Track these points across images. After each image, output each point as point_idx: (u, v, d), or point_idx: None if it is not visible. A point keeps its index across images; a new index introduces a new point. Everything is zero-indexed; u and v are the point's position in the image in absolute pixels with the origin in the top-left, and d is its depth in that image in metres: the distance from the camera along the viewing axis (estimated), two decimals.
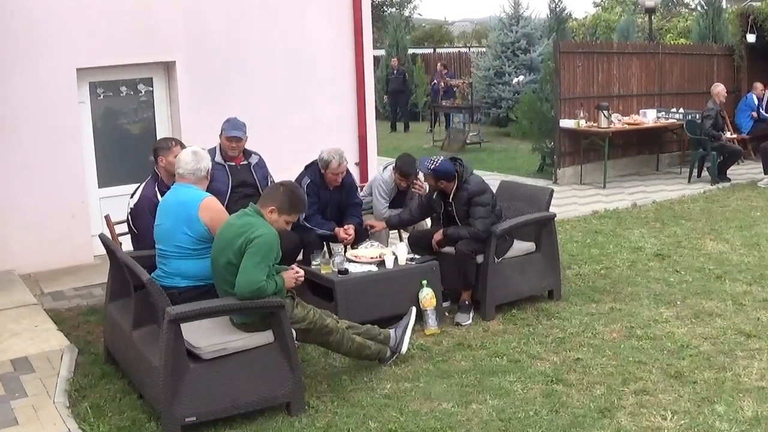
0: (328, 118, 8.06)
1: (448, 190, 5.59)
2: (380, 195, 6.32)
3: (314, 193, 5.89)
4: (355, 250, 5.71)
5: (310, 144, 7.39)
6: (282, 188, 4.25)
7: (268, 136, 7.35)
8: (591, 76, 11.18)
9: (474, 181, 5.56)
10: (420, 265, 5.44)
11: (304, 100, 7.94)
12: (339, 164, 5.77)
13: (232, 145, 5.73)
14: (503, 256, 5.69)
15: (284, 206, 4.20)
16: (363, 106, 8.19)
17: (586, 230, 8.25)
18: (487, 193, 5.54)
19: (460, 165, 5.58)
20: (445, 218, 5.74)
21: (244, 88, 7.58)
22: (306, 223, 5.87)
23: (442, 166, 5.49)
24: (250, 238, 4.04)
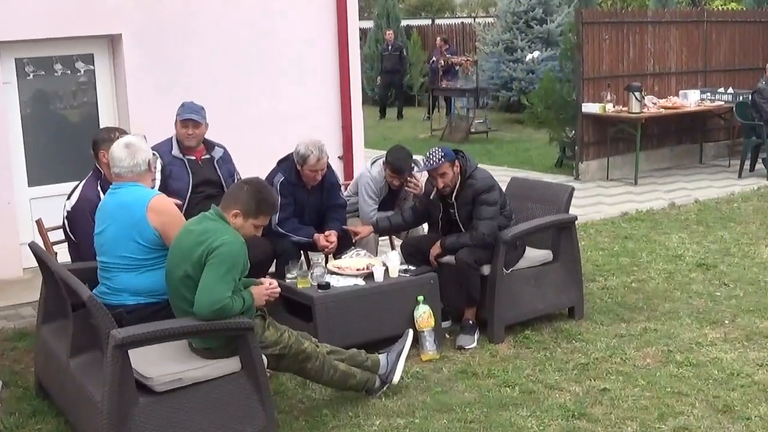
0: (305, 103, 8.08)
1: (453, 181, 5.59)
2: (368, 195, 6.36)
3: (289, 193, 5.92)
4: (338, 260, 5.75)
5: (283, 135, 7.42)
6: (246, 187, 4.27)
7: (232, 125, 7.37)
8: (620, 51, 11.27)
9: (480, 176, 5.61)
10: (415, 278, 5.48)
11: (275, 82, 7.96)
12: (318, 159, 5.81)
13: (188, 132, 5.75)
14: (514, 267, 5.73)
15: (250, 209, 4.23)
16: (347, 89, 8.21)
17: (614, 235, 8.32)
18: (494, 191, 5.59)
19: (464, 158, 5.63)
20: (445, 223, 5.79)
21: (203, 67, 7.59)
22: (279, 229, 5.91)
23: (444, 149, 5.53)
24: (211, 247, 4.06)
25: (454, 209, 5.68)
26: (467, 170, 5.59)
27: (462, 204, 5.63)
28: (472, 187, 5.56)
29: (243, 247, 4.15)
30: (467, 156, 5.65)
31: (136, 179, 4.50)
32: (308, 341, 4.57)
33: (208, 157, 5.90)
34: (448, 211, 5.73)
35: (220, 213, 4.23)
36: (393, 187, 6.40)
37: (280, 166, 6.00)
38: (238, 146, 6.33)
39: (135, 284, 4.41)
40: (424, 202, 5.94)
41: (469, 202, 5.58)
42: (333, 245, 5.95)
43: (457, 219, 5.69)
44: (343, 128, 8.25)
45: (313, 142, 5.84)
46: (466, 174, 5.59)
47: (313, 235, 5.95)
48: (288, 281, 5.35)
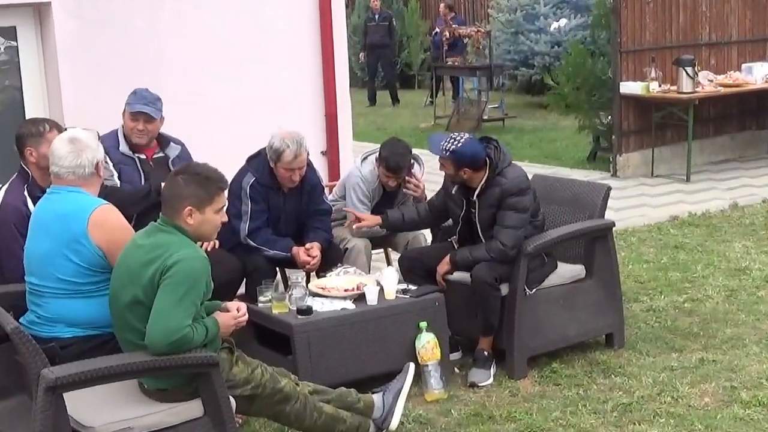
0: (280, 87, 8.07)
1: (474, 182, 5.65)
2: (357, 199, 6.40)
3: (261, 197, 5.96)
4: (322, 279, 5.78)
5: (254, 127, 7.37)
6: (180, 178, 4.27)
7: (191, 115, 7.36)
8: (667, 16, 11.33)
9: (512, 175, 5.64)
10: (417, 300, 5.51)
11: (244, 63, 7.95)
12: (295, 155, 5.84)
13: (138, 127, 5.78)
14: (539, 286, 5.76)
15: (200, 196, 4.24)
16: (331, 69, 8.20)
17: (662, 245, 8.35)
18: (526, 195, 5.63)
19: (496, 149, 5.66)
20: (465, 225, 5.81)
21: (155, 44, 7.59)
22: (250, 241, 5.94)
23: (467, 146, 5.56)
24: (166, 265, 4.08)
25: (475, 209, 5.70)
26: (497, 165, 5.62)
27: (485, 205, 5.66)
28: (500, 186, 5.59)
29: (205, 264, 4.17)
30: (501, 147, 5.68)
31: (78, 183, 4.50)
32: (286, 379, 4.58)
33: (162, 155, 5.93)
34: (469, 210, 5.76)
35: (171, 221, 4.24)
36: (388, 188, 6.43)
37: (250, 164, 6.03)
38: (198, 141, 6.35)
39: (72, 313, 4.42)
40: (442, 198, 5.97)
41: (494, 204, 5.62)
42: (316, 261, 5.97)
43: (476, 221, 5.72)
44: (326, 117, 8.24)
45: (290, 135, 5.87)
46: (495, 169, 5.61)
47: (291, 248, 5.98)
48: (261, 305, 5.38)
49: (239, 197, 5.95)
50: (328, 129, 8.27)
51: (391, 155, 6.24)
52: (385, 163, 6.26)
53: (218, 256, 5.64)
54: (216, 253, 5.71)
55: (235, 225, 5.93)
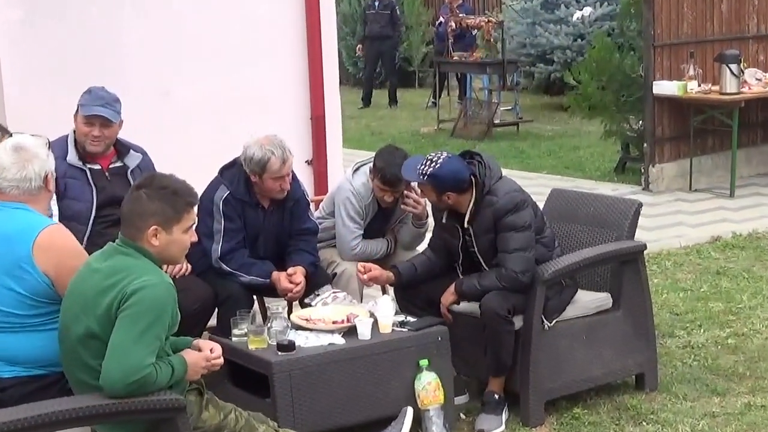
0: (259, 86, 8.07)
1: (462, 207, 5.68)
2: (348, 216, 6.41)
3: (237, 214, 5.98)
4: (306, 309, 5.78)
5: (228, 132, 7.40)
6: (143, 192, 4.27)
7: (157, 119, 7.37)
8: (708, 4, 11.35)
9: (503, 190, 5.65)
10: (417, 335, 5.50)
11: (216, 58, 7.96)
12: (284, 160, 5.88)
13: (93, 133, 5.78)
14: (558, 317, 5.77)
15: (167, 213, 4.25)
16: (318, 65, 8.21)
17: (702, 270, 8.37)
18: (524, 210, 5.64)
19: (480, 164, 5.68)
20: (465, 257, 5.83)
21: (116, 37, 7.59)
22: (223, 265, 5.95)
23: (447, 167, 5.59)
24: (125, 293, 4.08)
25: (471, 237, 5.72)
26: (484, 183, 5.64)
27: (481, 231, 5.67)
28: (492, 206, 5.61)
29: (171, 292, 4.17)
30: (487, 162, 5.70)
31: (23, 199, 4.48)
32: (264, 425, 4.57)
33: (120, 165, 5.94)
34: (465, 239, 5.78)
35: (131, 242, 4.24)
36: (384, 204, 6.44)
37: (224, 176, 6.04)
38: (163, 149, 6.37)
39: (13, 350, 4.39)
40: (438, 231, 5.99)
41: (490, 228, 5.63)
42: (299, 288, 5.98)
43: (476, 252, 5.73)
44: (312, 120, 8.25)
45: (269, 140, 5.90)
46: (483, 189, 5.63)
47: (270, 273, 5.99)
48: (235, 340, 5.37)
49: (211, 214, 5.95)
50: (315, 134, 8.27)
51: (388, 166, 6.24)
52: (381, 175, 6.27)
53: (186, 282, 5.66)
54: (184, 279, 5.73)
55: (206, 246, 5.93)
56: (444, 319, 5.71)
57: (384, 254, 6.55)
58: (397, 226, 6.67)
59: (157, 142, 6.30)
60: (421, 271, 5.99)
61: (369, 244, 6.49)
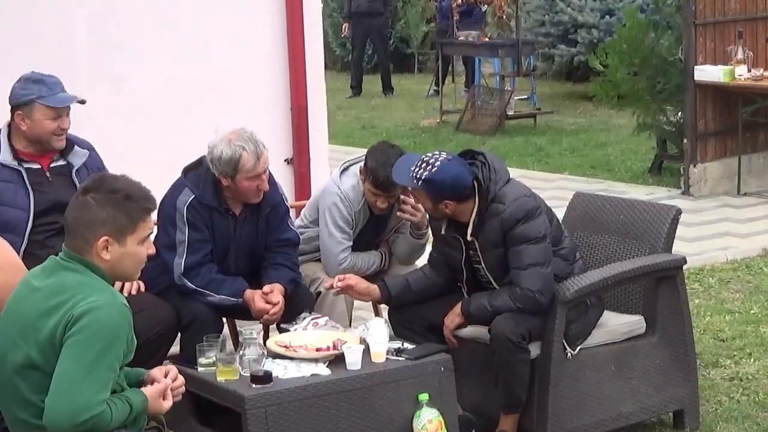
0: (231, 72, 8.07)
1: (463, 216, 5.67)
2: (335, 225, 6.39)
3: (203, 222, 5.96)
4: (285, 333, 5.76)
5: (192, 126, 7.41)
6: (91, 196, 4.22)
7: (109, 111, 7.37)
8: None
9: (511, 195, 5.63)
10: (416, 364, 5.47)
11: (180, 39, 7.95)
12: (258, 156, 5.84)
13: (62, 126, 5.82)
14: (582, 344, 5.76)
15: (120, 219, 4.20)
16: (300, 47, 8.21)
17: (751, 288, 8.35)
18: (537, 217, 5.61)
19: (484, 166, 5.66)
20: (470, 274, 5.83)
21: (60, 14, 7.58)
22: (187, 282, 5.92)
23: (446, 170, 5.57)
24: (72, 316, 4.04)
25: (476, 251, 5.71)
26: (489, 188, 5.63)
27: (487, 245, 5.66)
28: (499, 216, 5.59)
29: (125, 314, 4.13)
30: (491, 162, 5.68)
31: None
32: None
33: (63, 164, 5.93)
34: (468, 252, 5.77)
35: (77, 255, 4.21)
36: (377, 211, 6.42)
37: (188, 178, 6.01)
38: (116, 145, 6.38)
39: None
40: (437, 242, 5.98)
41: (497, 241, 5.62)
42: (277, 309, 5.95)
43: (482, 269, 5.73)
44: (293, 111, 8.25)
45: (237, 134, 5.86)
46: (487, 195, 5.62)
47: (243, 292, 5.96)
48: (201, 370, 5.34)
49: (173, 222, 5.93)
50: (296, 128, 8.27)
51: (381, 166, 6.21)
52: (373, 177, 6.25)
53: (143, 303, 5.65)
54: (141, 299, 5.71)
55: (167, 259, 5.92)
56: (448, 346, 5.70)
57: (377, 269, 6.53)
58: (392, 237, 6.64)
59: (107, 138, 6.29)
60: (417, 288, 5.97)
61: (359, 257, 6.47)
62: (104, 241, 4.18)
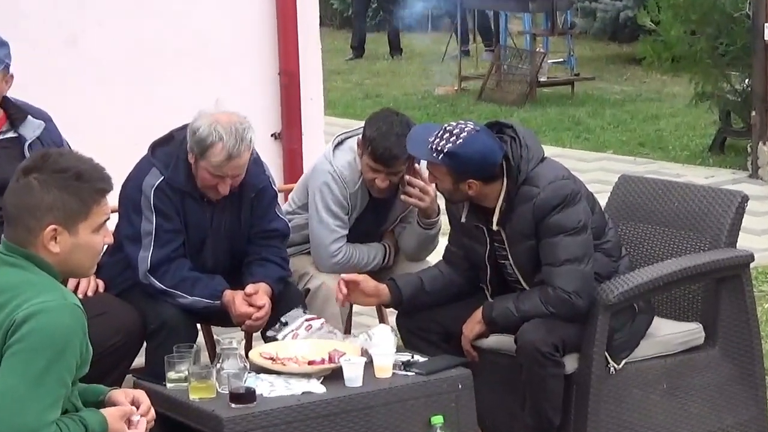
0: (205, 31, 8.09)
1: (488, 200, 5.69)
2: (327, 209, 6.41)
3: (174, 208, 5.97)
4: (272, 343, 5.77)
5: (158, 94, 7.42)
6: (34, 178, 4.19)
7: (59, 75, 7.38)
8: None
9: (546, 177, 5.64)
10: (428, 381, 5.47)
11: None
12: (230, 155, 5.77)
13: None
14: (628, 357, 5.76)
15: (70, 203, 4.16)
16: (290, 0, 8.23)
17: None
18: (576, 204, 5.63)
19: (513, 140, 5.67)
20: (495, 272, 5.85)
21: None
22: (153, 280, 5.94)
23: (472, 143, 5.57)
24: (14, 321, 4.02)
25: (502, 244, 5.72)
26: (520, 168, 5.63)
27: (516, 235, 5.68)
28: (531, 201, 5.60)
29: (78, 319, 4.10)
30: (522, 137, 5.69)
31: None
32: None
33: (14, 136, 5.95)
34: (494, 245, 5.78)
35: (21, 249, 4.19)
36: (377, 193, 6.43)
37: (156, 155, 6.01)
38: (66, 117, 6.35)
39: None
40: (456, 233, 6.00)
41: (528, 231, 5.64)
42: (262, 313, 5.96)
43: (510, 265, 5.74)
44: (282, 77, 8.28)
45: (229, 120, 5.82)
46: (517, 176, 5.63)
47: (222, 293, 5.98)
48: (171, 386, 5.36)
49: (137, 209, 5.94)
50: (285, 97, 8.32)
51: (382, 136, 6.22)
52: (372, 148, 6.24)
53: (101, 305, 5.67)
54: (98, 301, 5.74)
55: (130, 253, 5.95)
56: (467, 359, 5.71)
57: (378, 265, 6.55)
58: (397, 228, 6.65)
59: (58, 108, 6.28)
60: (432, 289, 6.00)
61: (357, 249, 6.48)
62: (51, 230, 4.15)
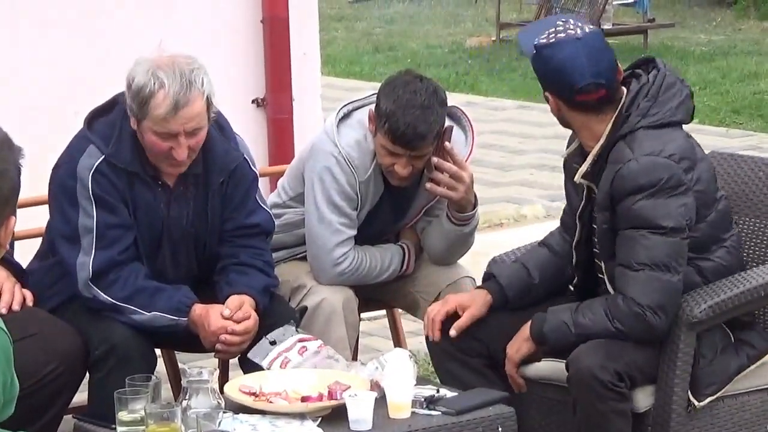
0: None
1: (583, 136, 5.77)
2: (329, 202, 6.47)
3: (119, 197, 5.99)
4: (255, 373, 5.79)
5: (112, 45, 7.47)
6: None
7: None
8: None
9: (650, 145, 5.66)
10: (458, 423, 5.47)
11: None
12: (176, 105, 5.77)
13: None
14: (720, 391, 5.80)
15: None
16: None
17: None
18: (678, 196, 5.65)
19: (646, 84, 5.71)
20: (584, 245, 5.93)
21: None
22: (99, 293, 5.95)
23: (558, 47, 5.68)
24: None
25: (594, 201, 5.78)
26: (630, 114, 5.68)
27: (599, 198, 5.74)
28: (617, 166, 5.63)
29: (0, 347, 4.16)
30: (656, 86, 5.73)
31: None
32: None
33: None
34: (589, 204, 5.86)
35: None
36: (395, 180, 6.47)
37: (93, 128, 6.03)
38: None
39: None
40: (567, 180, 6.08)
41: (605, 203, 5.71)
42: (244, 330, 5.98)
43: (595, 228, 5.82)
44: (265, 26, 8.31)
45: (170, 63, 5.84)
46: (622, 123, 5.67)
47: (189, 307, 6.00)
48: (122, 430, 5.35)
49: (72, 199, 5.95)
50: (270, 52, 8.34)
51: (402, 111, 6.24)
52: (390, 128, 6.26)
53: (32, 325, 5.71)
54: (27, 318, 5.76)
55: (65, 257, 5.97)
56: (509, 392, 5.75)
57: (395, 273, 6.60)
58: (420, 221, 6.70)
59: None
60: (542, 277, 6.11)
61: (367, 254, 6.53)
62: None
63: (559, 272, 6.07)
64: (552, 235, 6.18)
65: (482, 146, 6.21)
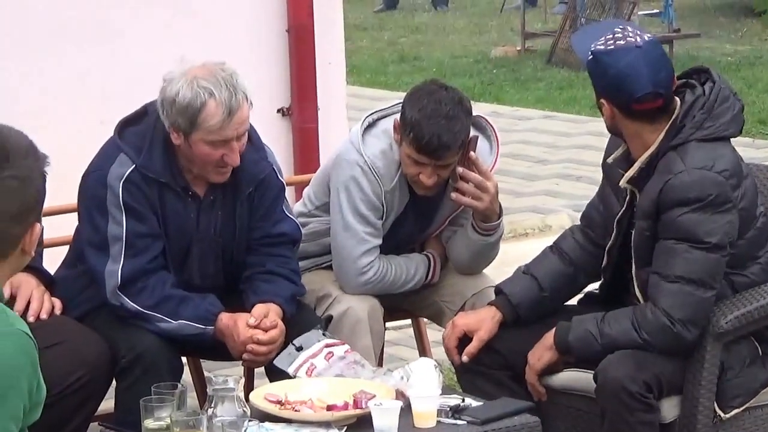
0: None
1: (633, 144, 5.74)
2: (355, 212, 6.46)
3: (149, 207, 6.01)
4: (280, 381, 5.80)
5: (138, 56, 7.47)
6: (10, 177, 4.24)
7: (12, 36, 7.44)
8: None
9: (700, 158, 5.66)
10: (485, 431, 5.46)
11: None
12: (230, 111, 5.81)
13: None
14: (749, 401, 5.79)
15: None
16: None
17: None
18: (722, 212, 5.64)
19: (702, 95, 5.70)
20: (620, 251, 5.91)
21: None
22: (127, 301, 5.97)
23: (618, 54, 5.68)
24: None
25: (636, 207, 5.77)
26: (684, 125, 5.67)
27: (642, 208, 5.73)
28: (666, 176, 5.62)
29: (26, 351, 4.14)
30: (712, 100, 5.72)
31: None
32: None
33: None
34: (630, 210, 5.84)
35: None
36: (421, 190, 6.47)
37: (124, 137, 6.04)
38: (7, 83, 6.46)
39: None
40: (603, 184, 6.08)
41: (650, 210, 5.70)
42: (269, 339, 5.99)
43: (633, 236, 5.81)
44: (290, 35, 8.31)
45: (209, 71, 5.86)
46: (676, 133, 5.66)
47: (216, 315, 6.02)
48: None
49: (102, 208, 5.97)
50: (295, 61, 8.34)
51: (427, 120, 6.25)
52: (415, 137, 6.27)
53: (59, 333, 5.72)
54: (55, 327, 5.77)
55: (94, 265, 5.98)
56: (534, 402, 5.76)
57: (420, 282, 6.60)
58: (445, 231, 6.71)
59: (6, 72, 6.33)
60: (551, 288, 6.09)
61: (392, 263, 6.53)
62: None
63: (570, 282, 6.10)
64: (564, 238, 6.20)
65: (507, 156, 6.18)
